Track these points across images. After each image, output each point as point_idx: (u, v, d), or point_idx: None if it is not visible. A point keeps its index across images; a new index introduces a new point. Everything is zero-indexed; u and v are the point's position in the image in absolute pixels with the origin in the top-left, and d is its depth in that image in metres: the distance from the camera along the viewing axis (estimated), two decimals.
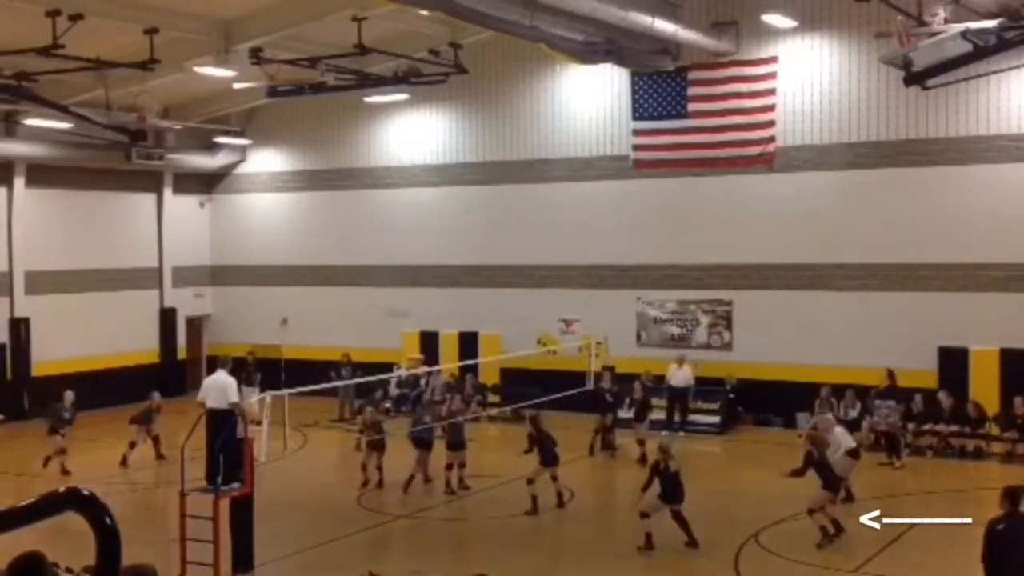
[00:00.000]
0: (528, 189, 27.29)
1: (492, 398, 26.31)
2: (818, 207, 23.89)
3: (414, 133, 28.87)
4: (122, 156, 27.22)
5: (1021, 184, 22.12)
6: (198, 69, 22.38)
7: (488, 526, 16.75)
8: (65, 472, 20.11)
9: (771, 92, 24.05)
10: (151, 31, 18.08)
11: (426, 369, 26.01)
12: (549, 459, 17.24)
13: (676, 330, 25.67)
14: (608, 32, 20.45)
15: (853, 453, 17.00)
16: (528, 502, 16.98)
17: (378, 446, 18.93)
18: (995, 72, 19.93)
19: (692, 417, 24.01)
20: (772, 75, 24.04)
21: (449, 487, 18.48)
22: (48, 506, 3.27)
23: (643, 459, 19.57)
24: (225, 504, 13.89)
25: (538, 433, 17.49)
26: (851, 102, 23.52)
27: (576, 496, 18.06)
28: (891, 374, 22.13)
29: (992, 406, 21.34)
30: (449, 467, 18.61)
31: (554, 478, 17.32)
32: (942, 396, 21.28)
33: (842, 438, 17.00)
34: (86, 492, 3.31)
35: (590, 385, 22.69)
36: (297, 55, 21.06)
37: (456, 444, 18.76)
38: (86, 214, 28.74)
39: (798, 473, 15.34)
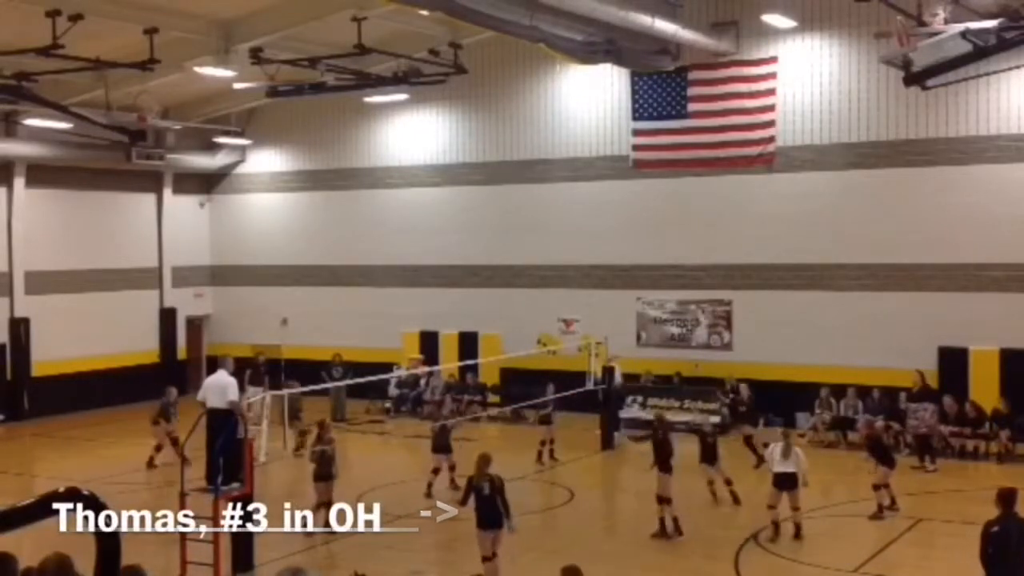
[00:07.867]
0: (528, 189, 27.29)
1: (492, 398, 26.31)
2: (818, 207, 23.90)
3: (414, 133, 28.87)
4: (122, 156, 27.22)
5: (1021, 184, 22.13)
6: (198, 69, 22.38)
7: None
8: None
9: (771, 92, 24.07)
10: (151, 31, 18.10)
11: (426, 369, 26.02)
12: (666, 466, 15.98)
13: (676, 330, 25.67)
14: (608, 32, 20.46)
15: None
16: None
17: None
18: (995, 72, 19.97)
19: (692, 417, 24.00)
20: (772, 75, 24.07)
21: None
22: (48, 506, 3.27)
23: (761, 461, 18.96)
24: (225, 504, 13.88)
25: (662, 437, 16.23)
26: (851, 102, 23.53)
27: (578, 494, 18.05)
28: (923, 376, 21.88)
29: (992, 406, 21.32)
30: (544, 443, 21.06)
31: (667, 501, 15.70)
32: (947, 401, 21.25)
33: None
34: (86, 492, 3.31)
35: (590, 385, 22.70)
36: (297, 55, 21.08)
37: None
38: (86, 214, 28.73)
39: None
